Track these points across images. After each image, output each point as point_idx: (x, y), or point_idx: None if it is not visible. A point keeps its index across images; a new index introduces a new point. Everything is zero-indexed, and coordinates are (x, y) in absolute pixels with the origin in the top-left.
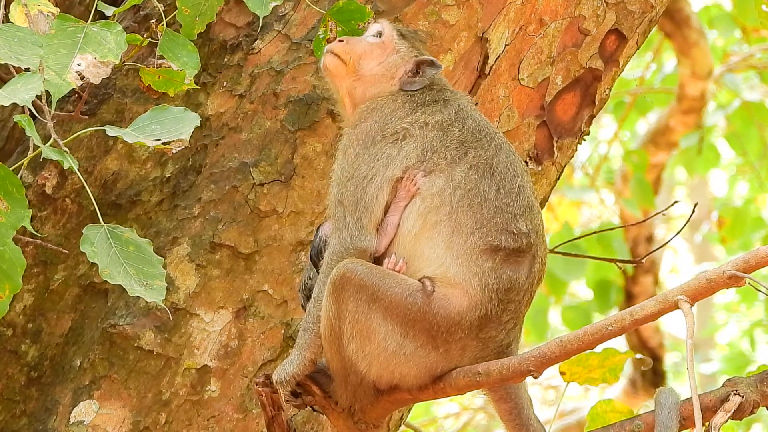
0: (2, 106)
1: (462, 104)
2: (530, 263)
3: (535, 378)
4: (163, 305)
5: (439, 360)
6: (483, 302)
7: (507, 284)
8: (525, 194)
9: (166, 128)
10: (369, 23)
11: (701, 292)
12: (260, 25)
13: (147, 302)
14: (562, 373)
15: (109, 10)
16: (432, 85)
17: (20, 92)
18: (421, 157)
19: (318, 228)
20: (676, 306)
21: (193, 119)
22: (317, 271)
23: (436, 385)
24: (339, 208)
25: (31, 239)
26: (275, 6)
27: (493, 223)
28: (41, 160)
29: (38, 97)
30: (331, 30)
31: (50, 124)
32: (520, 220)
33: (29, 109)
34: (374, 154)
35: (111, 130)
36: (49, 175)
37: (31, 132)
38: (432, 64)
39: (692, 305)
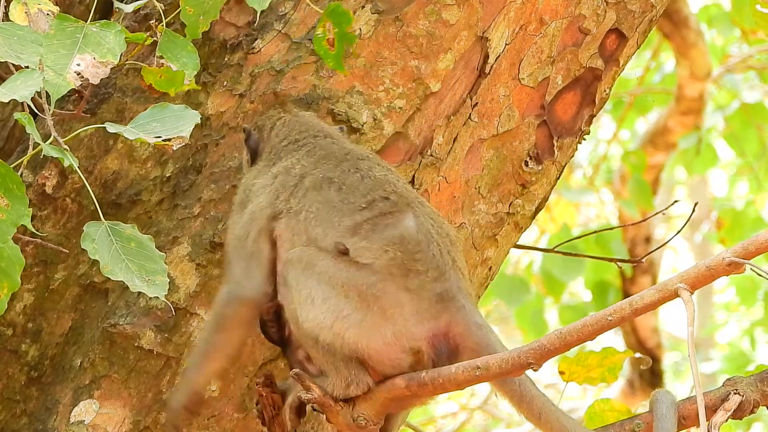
0: (2, 105)
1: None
2: (410, 217)
3: (535, 371)
4: (166, 300)
5: (382, 320)
6: (386, 258)
7: (396, 239)
8: (371, 178)
9: (167, 126)
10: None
11: (701, 279)
12: (258, 19)
13: (147, 302)
14: (561, 373)
15: (126, 8)
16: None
17: (20, 89)
18: (271, 206)
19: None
20: (675, 294)
21: (194, 117)
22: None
23: (429, 384)
24: (227, 267)
25: (32, 239)
26: (275, 6)
27: (344, 214)
28: (41, 159)
29: (38, 95)
30: (329, 30)
31: (50, 122)
32: (371, 194)
33: (29, 108)
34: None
35: (111, 127)
36: (49, 174)
37: (31, 129)
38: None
39: (692, 293)
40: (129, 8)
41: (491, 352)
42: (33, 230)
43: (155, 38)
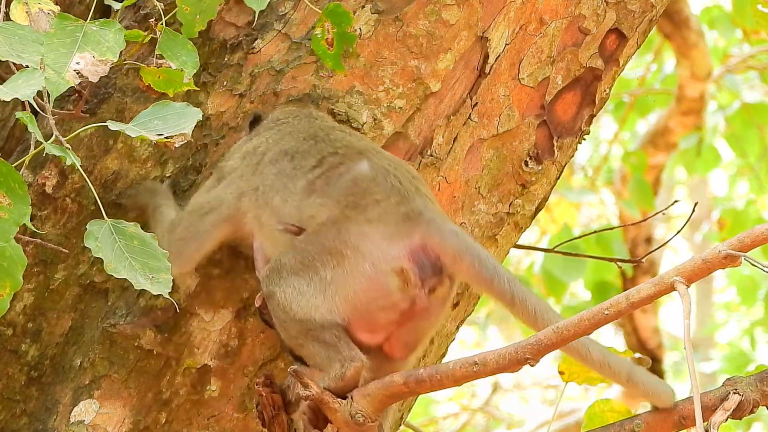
0: (2, 105)
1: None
2: (363, 162)
3: (532, 365)
4: (170, 298)
5: (357, 260)
6: (341, 206)
7: (349, 183)
8: (326, 142)
9: (169, 123)
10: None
11: (697, 272)
12: (256, 18)
13: (147, 302)
14: (560, 373)
15: (117, 5)
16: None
17: (21, 88)
18: (237, 189)
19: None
20: (672, 288)
21: (195, 114)
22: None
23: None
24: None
25: (32, 239)
26: (275, 6)
27: (297, 177)
28: (41, 159)
29: (39, 95)
30: (327, 30)
31: (52, 121)
32: (321, 153)
33: (30, 107)
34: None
35: (113, 125)
36: (49, 174)
37: (33, 128)
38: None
39: (688, 286)
40: (117, 5)
41: (472, 256)
42: (33, 229)
43: (155, 37)
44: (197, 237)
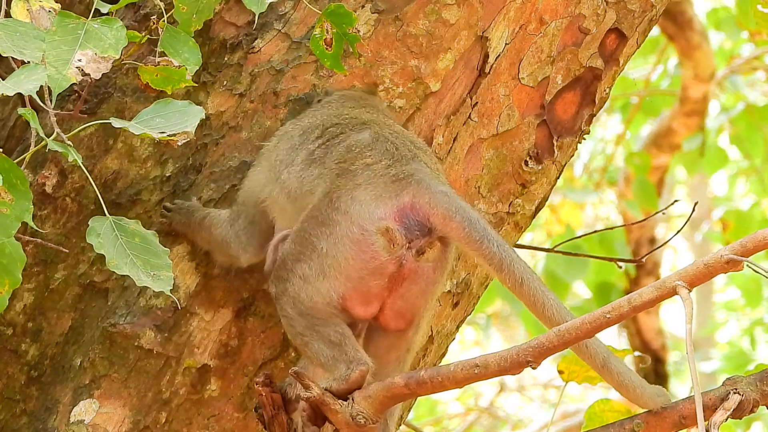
0: (2, 105)
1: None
2: (365, 130)
3: (534, 368)
4: (171, 295)
5: (347, 224)
6: (332, 175)
7: (343, 149)
8: (335, 116)
9: (171, 121)
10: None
11: (699, 277)
12: (256, 20)
13: (147, 301)
14: (560, 372)
15: (105, 8)
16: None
17: (24, 83)
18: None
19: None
20: (674, 292)
21: (198, 112)
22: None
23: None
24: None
25: (32, 238)
26: (275, 5)
27: (300, 150)
28: (41, 158)
29: (40, 95)
30: (327, 31)
31: (53, 119)
32: (325, 125)
33: (31, 106)
34: None
35: (116, 122)
36: (49, 174)
37: (34, 124)
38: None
39: (690, 291)
40: (104, 8)
41: (462, 216)
42: (35, 227)
43: (155, 36)
44: (255, 222)
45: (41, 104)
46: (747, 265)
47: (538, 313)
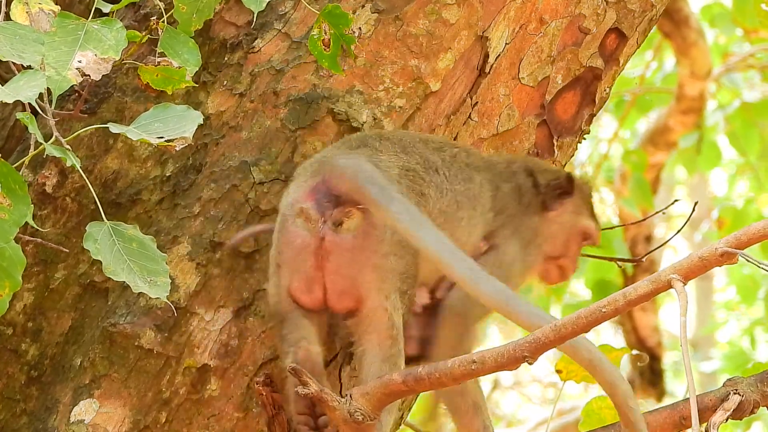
0: (2, 105)
1: None
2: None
3: (530, 364)
4: (168, 301)
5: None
6: None
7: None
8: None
9: (169, 126)
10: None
11: (694, 270)
12: (255, 19)
13: (147, 301)
14: (558, 371)
15: (107, 8)
16: None
17: (24, 89)
18: None
19: None
20: (669, 285)
21: (196, 117)
22: None
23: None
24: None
25: (32, 238)
26: (275, 5)
27: None
28: (41, 159)
29: (40, 96)
30: (325, 32)
31: (52, 121)
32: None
33: (30, 107)
34: None
35: (114, 128)
36: (49, 174)
37: (33, 129)
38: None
39: (685, 284)
40: (106, 8)
41: (364, 179)
42: (36, 227)
43: (155, 36)
44: None
45: (41, 106)
46: (741, 257)
47: (449, 276)
